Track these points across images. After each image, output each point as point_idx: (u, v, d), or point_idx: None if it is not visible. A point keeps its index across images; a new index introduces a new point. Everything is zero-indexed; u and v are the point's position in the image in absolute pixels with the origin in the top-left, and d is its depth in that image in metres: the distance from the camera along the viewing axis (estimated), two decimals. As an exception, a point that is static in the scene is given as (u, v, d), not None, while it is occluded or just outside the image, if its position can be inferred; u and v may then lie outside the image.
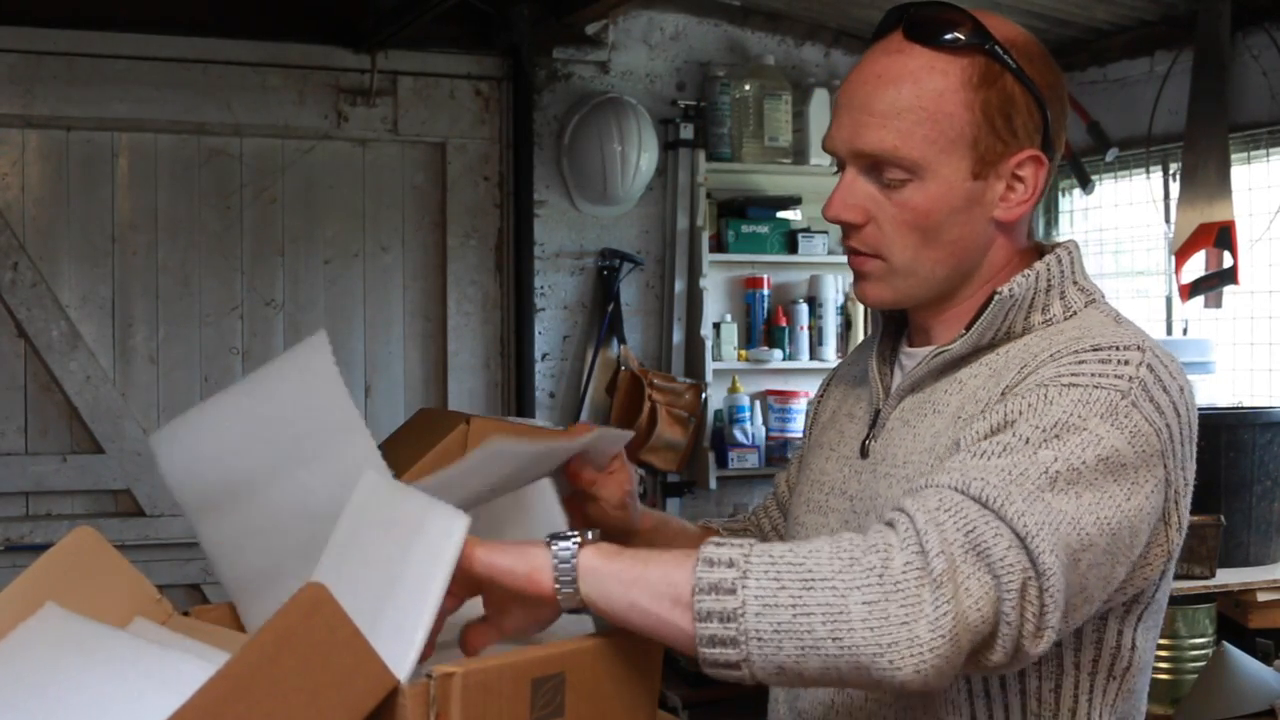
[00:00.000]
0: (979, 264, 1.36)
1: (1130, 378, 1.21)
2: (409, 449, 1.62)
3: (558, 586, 1.13)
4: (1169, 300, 4.13)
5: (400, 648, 1.06)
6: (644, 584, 1.12)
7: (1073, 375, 1.21)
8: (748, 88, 4.49)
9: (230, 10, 4.13)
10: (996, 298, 1.32)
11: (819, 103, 4.52)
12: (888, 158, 1.30)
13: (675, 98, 4.54)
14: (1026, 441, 1.15)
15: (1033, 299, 1.33)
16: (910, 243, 1.33)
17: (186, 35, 4.06)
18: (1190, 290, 3.79)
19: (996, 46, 1.31)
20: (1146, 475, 1.19)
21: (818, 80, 4.59)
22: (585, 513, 1.43)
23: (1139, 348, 1.24)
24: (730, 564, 1.09)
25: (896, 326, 1.47)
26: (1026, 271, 1.34)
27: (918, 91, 1.29)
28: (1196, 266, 3.78)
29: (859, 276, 1.37)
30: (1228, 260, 3.71)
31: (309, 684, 0.97)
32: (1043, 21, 4.17)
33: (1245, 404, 3.72)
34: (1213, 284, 3.75)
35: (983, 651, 1.09)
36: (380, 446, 1.78)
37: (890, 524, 1.11)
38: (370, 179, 4.36)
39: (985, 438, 1.19)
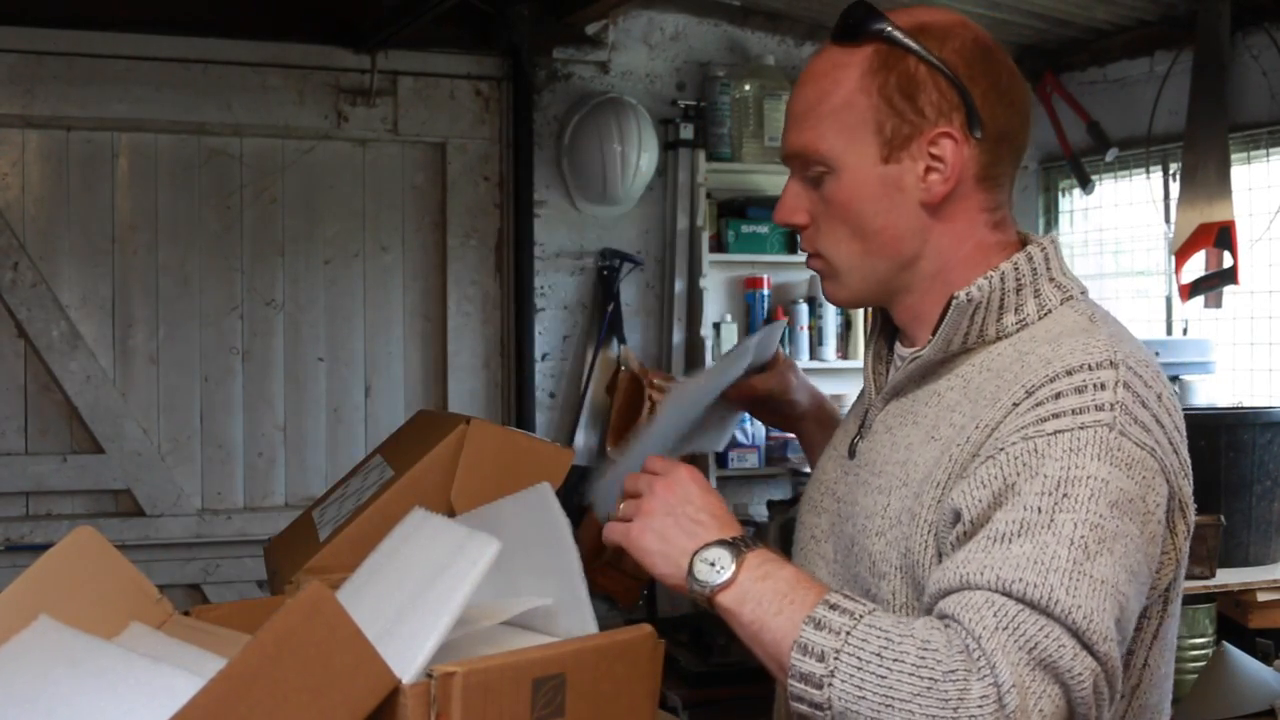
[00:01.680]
0: (920, 252, 1.35)
1: (1110, 404, 1.20)
2: (410, 450, 1.63)
3: (694, 599, 1.23)
4: (1169, 300, 4.13)
5: (411, 651, 1.06)
6: (759, 640, 1.20)
7: (1054, 416, 1.19)
8: (748, 88, 4.49)
9: (230, 10, 4.13)
10: (954, 302, 1.30)
11: (819, 103, 4.51)
12: (805, 155, 1.34)
13: (675, 98, 4.54)
14: (1039, 512, 1.15)
15: (1001, 300, 1.31)
16: (841, 236, 1.35)
17: (186, 35, 4.06)
18: (1190, 290, 3.79)
19: (896, 31, 1.31)
20: (1153, 498, 1.20)
21: (818, 80, 4.59)
22: (761, 409, 1.68)
23: (1110, 363, 1.22)
24: (821, 657, 1.14)
25: (890, 325, 1.46)
26: (989, 273, 1.31)
27: (823, 87, 1.33)
28: (1196, 266, 3.78)
29: (820, 277, 1.42)
30: (1228, 260, 3.71)
31: (310, 683, 0.97)
32: (1043, 22, 4.17)
33: (1245, 404, 3.72)
34: (1213, 284, 3.75)
35: None
36: (380, 449, 1.80)
37: (966, 649, 1.11)
38: (370, 179, 4.36)
39: (990, 509, 1.19)
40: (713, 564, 1.21)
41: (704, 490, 1.31)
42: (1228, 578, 3.15)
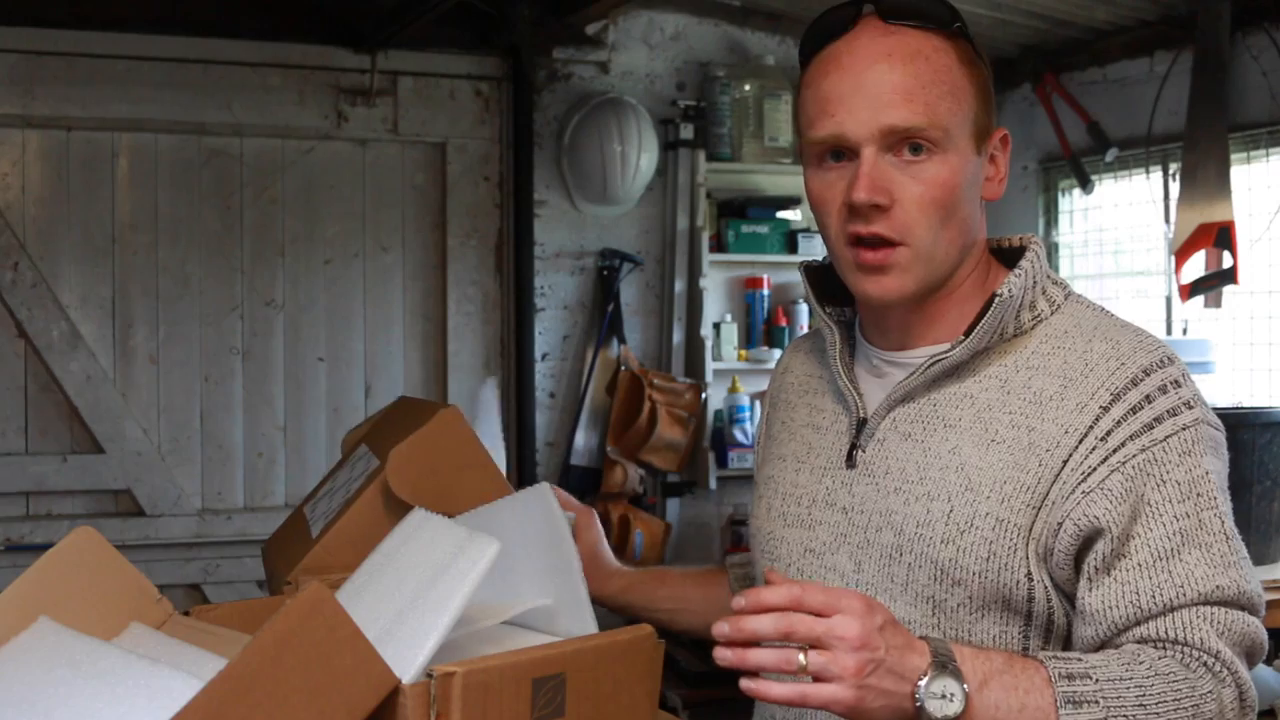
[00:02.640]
0: (970, 247, 1.37)
1: (1191, 401, 1.29)
2: (393, 438, 1.62)
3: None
4: (1169, 300, 4.13)
5: (411, 651, 1.06)
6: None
7: (1156, 421, 1.27)
8: (748, 88, 4.49)
9: (230, 10, 4.13)
10: (998, 299, 1.32)
11: (819, 103, 4.52)
12: (920, 130, 1.30)
13: (675, 98, 4.54)
14: (1187, 518, 1.25)
15: (1023, 298, 1.35)
16: (933, 222, 1.31)
17: (186, 35, 4.06)
18: (1190, 290, 3.79)
19: (969, 31, 1.36)
20: (1226, 469, 1.32)
21: (818, 80, 4.58)
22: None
23: (1170, 359, 1.31)
24: (1095, 701, 1.18)
25: (848, 333, 1.46)
26: (1018, 270, 1.34)
27: (932, 67, 1.31)
28: (1196, 266, 3.78)
29: (877, 271, 1.33)
30: (1227, 260, 3.71)
31: (310, 684, 0.97)
32: (1043, 22, 4.17)
33: (1245, 404, 3.72)
34: (1212, 284, 3.75)
35: None
36: (365, 437, 1.78)
37: (1206, 666, 1.22)
38: (370, 179, 4.36)
39: (1131, 522, 1.25)
40: (943, 696, 1.16)
41: (883, 611, 1.18)
42: (1228, 578, 3.14)
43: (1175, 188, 3.99)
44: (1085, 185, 4.31)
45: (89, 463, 4.05)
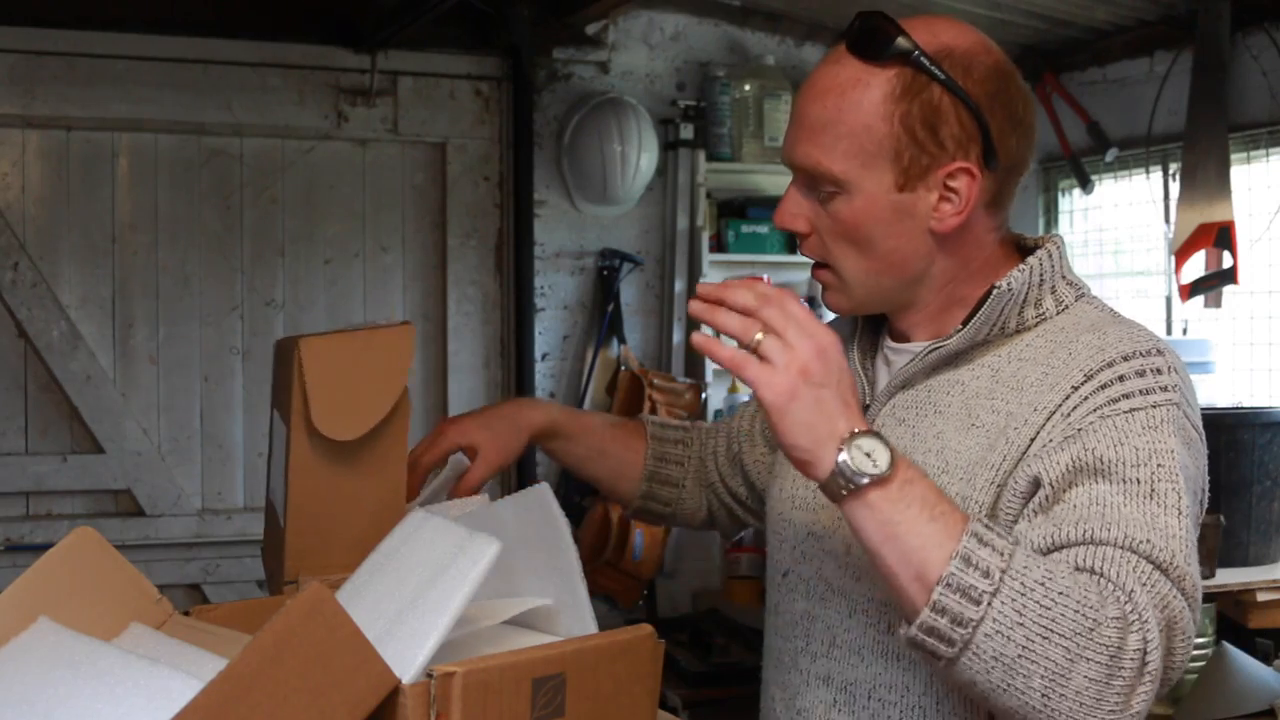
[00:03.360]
0: (927, 271, 1.36)
1: (1171, 386, 1.26)
2: (283, 395, 1.54)
3: (826, 484, 1.14)
4: (1169, 300, 4.13)
5: (412, 652, 1.06)
6: (897, 544, 1.12)
7: (1124, 397, 1.24)
8: (748, 88, 4.49)
9: (230, 10, 4.13)
10: (995, 292, 1.33)
11: (819, 103, 4.52)
12: (816, 172, 1.32)
13: (675, 98, 4.54)
14: (1138, 483, 1.20)
15: (1026, 294, 1.35)
16: (848, 253, 1.34)
17: (186, 35, 4.06)
18: (1190, 290, 3.79)
19: (923, 58, 1.28)
20: (1202, 479, 1.28)
21: (818, 80, 4.59)
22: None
23: (1159, 351, 1.28)
24: (986, 574, 1.11)
25: (875, 321, 1.48)
26: (1022, 266, 1.35)
27: (841, 105, 1.30)
28: (1196, 266, 3.78)
29: (821, 285, 1.40)
30: (1227, 260, 3.71)
31: (310, 684, 0.97)
32: (1043, 22, 4.17)
33: (1245, 404, 3.72)
34: (1212, 284, 3.75)
35: None
36: (272, 402, 1.67)
37: (1118, 602, 1.13)
38: (370, 179, 4.36)
39: (1072, 473, 1.21)
40: (869, 454, 1.13)
41: (848, 369, 1.18)
42: (1227, 577, 3.15)
43: (1175, 188, 3.99)
44: (1085, 185, 4.31)
45: (89, 463, 4.05)
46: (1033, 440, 1.27)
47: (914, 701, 1.33)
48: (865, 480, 1.13)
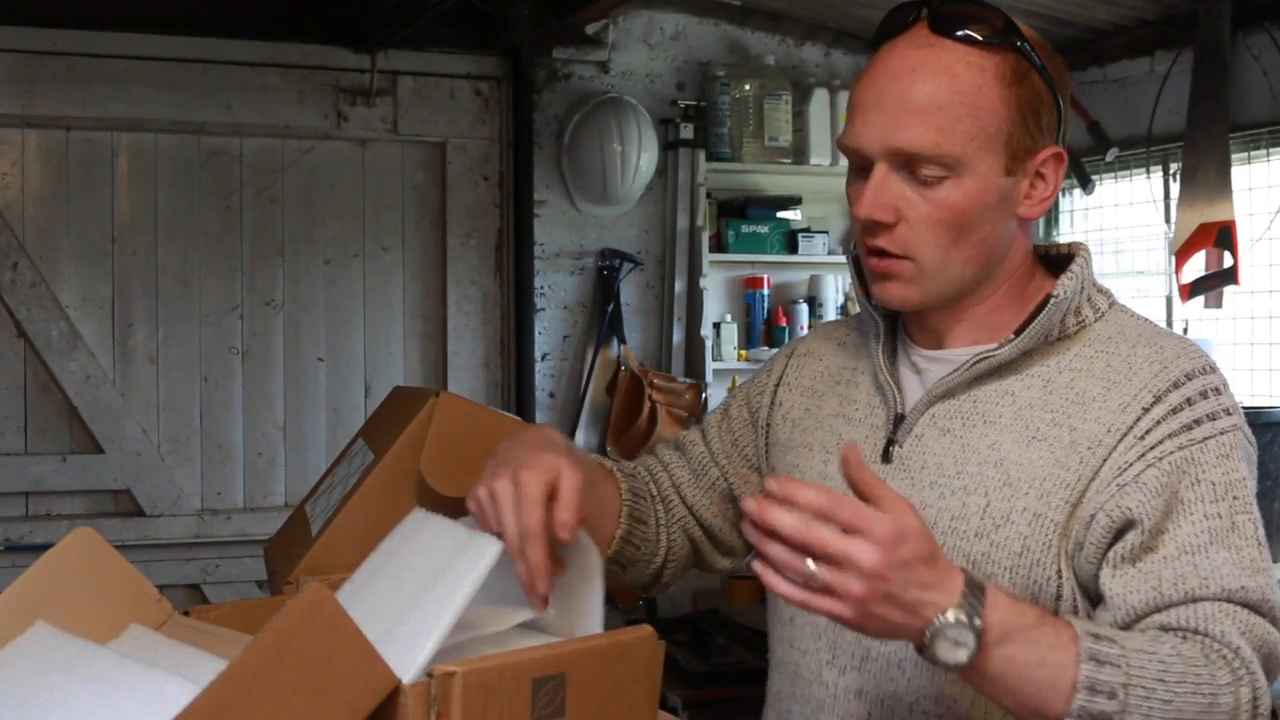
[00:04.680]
0: (1002, 261, 1.36)
1: (1230, 409, 1.30)
2: (388, 430, 1.61)
3: (937, 654, 1.13)
4: (1169, 300, 4.13)
5: (412, 653, 1.06)
6: (1013, 697, 1.16)
7: (1196, 423, 1.28)
8: (748, 88, 4.49)
9: (230, 10, 4.13)
10: (1053, 300, 1.33)
11: (819, 103, 4.52)
12: (928, 154, 1.28)
13: (675, 98, 4.54)
14: (1220, 518, 1.24)
15: (1073, 300, 1.36)
16: (942, 242, 1.31)
17: (186, 35, 4.06)
18: (1190, 290, 3.79)
19: (1025, 43, 1.30)
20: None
21: (818, 80, 4.59)
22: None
23: (1211, 367, 1.32)
24: (1111, 695, 1.14)
25: (891, 327, 1.45)
26: (1070, 273, 1.35)
27: (956, 87, 1.28)
28: (1196, 266, 3.78)
29: (883, 278, 1.34)
30: (1228, 260, 3.71)
31: (310, 684, 0.97)
32: (1043, 21, 4.17)
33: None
34: (1213, 284, 3.75)
35: None
36: (362, 431, 1.78)
37: (1224, 659, 1.19)
38: (370, 179, 4.36)
39: (1164, 517, 1.24)
40: (955, 642, 1.12)
41: (917, 543, 1.11)
42: (1228, 578, 3.14)
43: (1175, 188, 3.99)
44: (1086, 185, 4.31)
45: (88, 463, 4.05)
46: (1105, 461, 1.27)
47: (961, 713, 1.31)
48: (958, 667, 1.13)
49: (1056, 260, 1.42)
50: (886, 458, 1.38)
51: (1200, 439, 1.27)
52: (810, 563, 1.08)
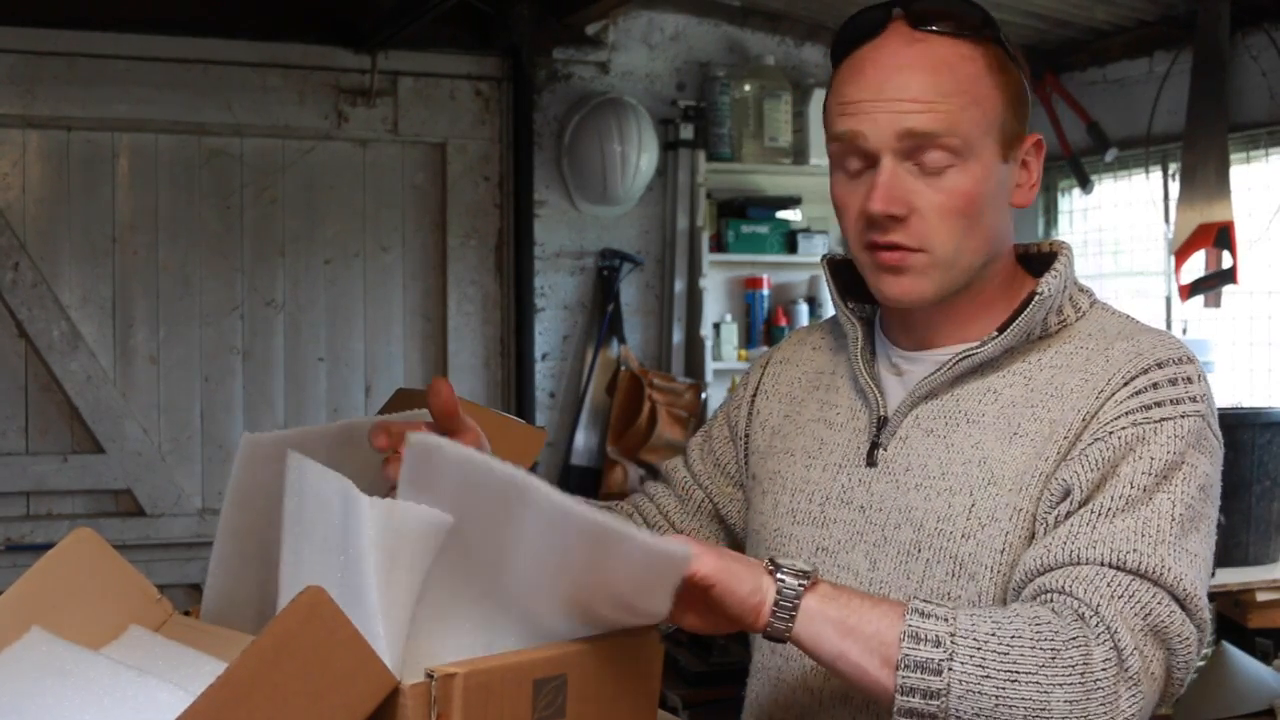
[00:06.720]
0: (998, 251, 1.37)
1: (1200, 397, 1.28)
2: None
3: (771, 621, 1.16)
4: (1169, 300, 4.13)
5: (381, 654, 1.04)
6: (857, 637, 1.16)
7: (1156, 405, 1.26)
8: (748, 88, 4.49)
9: (230, 10, 4.13)
10: (1038, 298, 1.33)
11: (819, 103, 4.52)
12: (942, 135, 1.29)
13: (675, 98, 4.54)
14: (1142, 490, 1.22)
15: (1056, 298, 1.35)
16: (955, 231, 1.31)
17: (186, 35, 4.06)
18: (1190, 290, 3.80)
19: (1002, 35, 1.35)
20: (1218, 481, 1.29)
21: (818, 80, 4.59)
22: None
23: (1189, 358, 1.30)
24: (937, 643, 1.14)
25: (869, 330, 1.45)
26: (1054, 271, 1.35)
27: (956, 76, 1.30)
28: (1196, 266, 3.78)
29: (895, 272, 1.33)
30: (1227, 260, 3.71)
31: (310, 686, 0.97)
32: (1043, 22, 4.17)
33: (1245, 404, 3.72)
34: (1212, 284, 3.75)
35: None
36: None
37: (1080, 617, 1.16)
38: (370, 179, 4.36)
39: (1097, 488, 1.23)
40: (792, 569, 1.17)
41: None
42: (1227, 577, 3.15)
43: (1175, 188, 3.99)
44: (1085, 185, 4.31)
45: (89, 463, 4.06)
46: (1074, 444, 1.28)
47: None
48: (800, 589, 1.16)
49: (1037, 259, 1.42)
50: (871, 461, 1.37)
51: (1156, 419, 1.25)
52: None
